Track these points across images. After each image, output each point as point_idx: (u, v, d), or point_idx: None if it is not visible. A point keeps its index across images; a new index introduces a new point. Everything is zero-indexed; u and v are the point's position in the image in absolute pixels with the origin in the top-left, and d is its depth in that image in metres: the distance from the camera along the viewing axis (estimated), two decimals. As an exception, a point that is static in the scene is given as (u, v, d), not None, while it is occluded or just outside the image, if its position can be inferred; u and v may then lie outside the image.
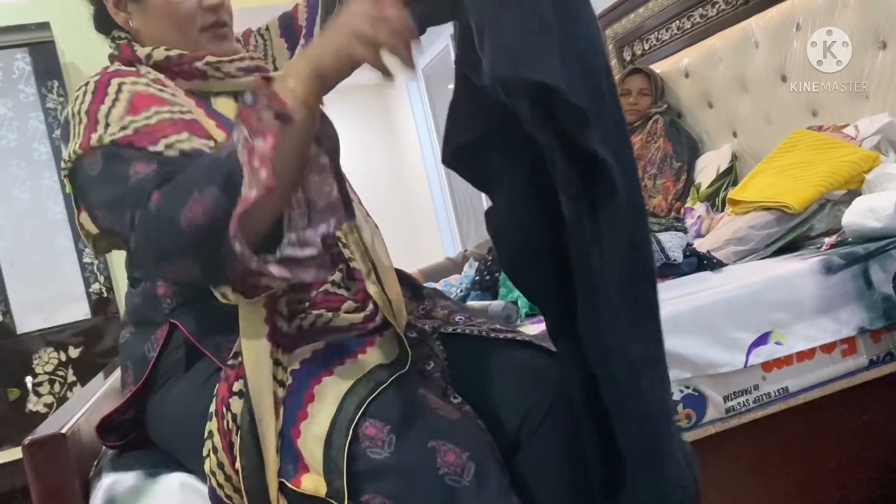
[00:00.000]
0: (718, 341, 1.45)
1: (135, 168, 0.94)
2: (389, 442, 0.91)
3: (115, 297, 3.57)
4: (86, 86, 1.03)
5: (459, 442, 0.92)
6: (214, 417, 0.96)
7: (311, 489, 0.90)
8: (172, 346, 1.05)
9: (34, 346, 3.45)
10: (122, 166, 0.95)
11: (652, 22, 2.94)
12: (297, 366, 0.98)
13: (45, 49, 3.54)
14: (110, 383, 1.47)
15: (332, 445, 0.91)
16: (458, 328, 1.15)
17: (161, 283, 1.06)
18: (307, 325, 1.02)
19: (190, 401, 1.02)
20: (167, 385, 1.06)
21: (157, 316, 1.06)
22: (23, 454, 0.97)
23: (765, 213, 1.85)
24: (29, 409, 3.39)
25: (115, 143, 0.96)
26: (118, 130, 0.97)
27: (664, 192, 2.57)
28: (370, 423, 0.92)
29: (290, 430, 0.93)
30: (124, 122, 0.97)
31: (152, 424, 1.09)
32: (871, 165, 1.85)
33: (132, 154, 0.95)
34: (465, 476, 0.90)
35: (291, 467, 0.92)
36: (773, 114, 2.42)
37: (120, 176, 0.94)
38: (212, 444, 0.96)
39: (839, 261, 1.56)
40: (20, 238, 3.48)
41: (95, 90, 1.01)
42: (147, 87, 1.03)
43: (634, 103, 2.78)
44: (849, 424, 1.58)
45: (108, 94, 1.00)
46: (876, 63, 2.04)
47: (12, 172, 3.50)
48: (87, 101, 1.01)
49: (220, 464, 0.95)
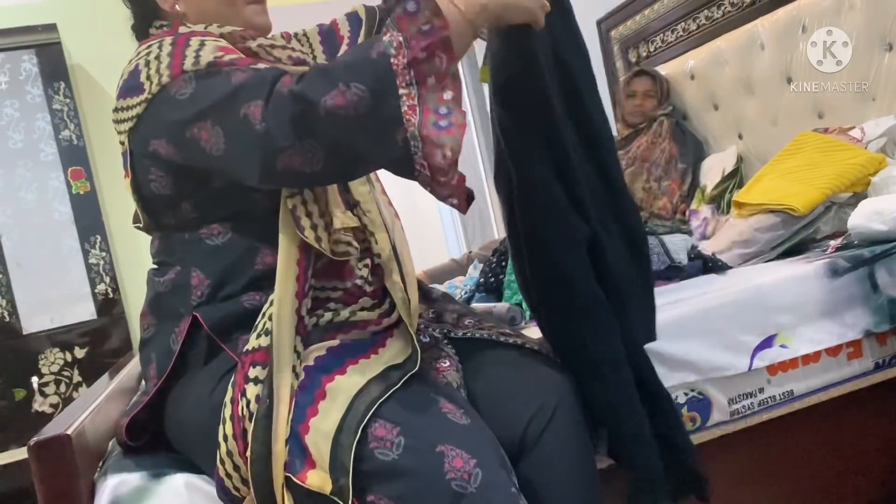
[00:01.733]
0: (723, 344, 1.44)
1: (237, 76, 0.95)
2: (398, 444, 0.92)
3: (120, 298, 3.58)
4: (160, 41, 1.03)
5: (468, 447, 0.93)
6: (230, 405, 0.97)
7: (316, 485, 0.91)
8: (194, 340, 1.05)
9: (40, 346, 3.46)
10: (221, 78, 0.95)
11: (657, 24, 2.94)
12: (311, 362, 0.99)
13: (52, 50, 3.55)
14: (116, 384, 1.47)
15: (339, 444, 0.91)
16: (467, 332, 1.17)
17: (196, 273, 1.06)
18: (324, 323, 1.03)
19: (205, 396, 1.03)
20: (185, 379, 1.06)
21: (182, 308, 1.06)
22: (28, 455, 0.97)
23: (770, 216, 1.84)
24: (35, 410, 3.41)
25: (215, 63, 0.97)
26: (213, 58, 0.98)
27: (669, 194, 2.57)
28: (380, 424, 0.93)
29: (298, 426, 0.94)
30: (217, 53, 0.99)
31: (168, 418, 1.09)
32: (877, 168, 1.84)
33: (234, 71, 0.96)
34: (472, 482, 0.90)
35: (298, 462, 0.93)
36: (779, 116, 2.42)
37: (221, 83, 0.95)
38: (223, 432, 0.96)
39: (845, 264, 1.56)
40: (26, 238, 3.49)
41: (175, 42, 1.02)
42: (217, 36, 1.05)
43: (640, 105, 2.78)
44: (854, 428, 1.58)
45: (190, 44, 1.01)
46: (882, 65, 2.04)
47: (19, 173, 3.51)
48: (165, 50, 1.01)
49: (229, 452, 0.96)
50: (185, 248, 1.08)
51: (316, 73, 0.92)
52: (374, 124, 0.88)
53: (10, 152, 3.50)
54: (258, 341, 0.99)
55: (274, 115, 0.90)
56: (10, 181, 3.49)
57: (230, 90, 0.94)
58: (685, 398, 1.43)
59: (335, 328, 1.04)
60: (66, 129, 3.55)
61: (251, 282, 1.04)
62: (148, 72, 1.00)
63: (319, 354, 1.00)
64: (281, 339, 0.97)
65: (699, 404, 1.44)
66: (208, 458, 1.00)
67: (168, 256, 1.10)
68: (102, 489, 1.02)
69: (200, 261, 1.06)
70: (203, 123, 0.95)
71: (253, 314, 1.01)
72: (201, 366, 1.05)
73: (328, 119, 0.88)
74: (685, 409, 1.43)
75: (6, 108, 3.50)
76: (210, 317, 1.03)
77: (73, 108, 3.56)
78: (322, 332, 1.03)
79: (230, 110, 0.93)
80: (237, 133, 0.93)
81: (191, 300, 1.05)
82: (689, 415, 1.43)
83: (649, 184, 2.60)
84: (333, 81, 0.88)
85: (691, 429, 1.43)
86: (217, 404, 1.00)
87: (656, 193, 2.59)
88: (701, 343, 1.43)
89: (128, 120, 1.03)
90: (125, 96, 1.03)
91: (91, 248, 3.54)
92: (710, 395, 1.45)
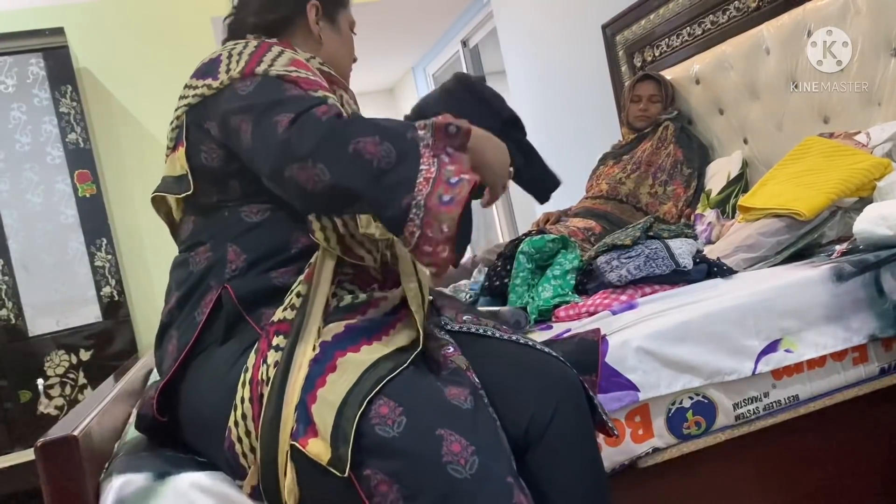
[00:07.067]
0: (728, 348, 1.44)
1: (289, 90, 1.08)
2: (399, 423, 0.95)
3: (126, 301, 3.60)
4: (247, 42, 1.19)
5: (468, 434, 0.95)
6: (251, 370, 1.02)
7: (314, 453, 0.94)
8: (214, 318, 1.11)
9: (46, 348, 3.48)
10: (277, 87, 1.08)
11: (663, 28, 2.94)
12: (329, 338, 1.05)
13: (59, 54, 3.57)
14: (121, 386, 1.48)
15: (343, 415, 0.95)
16: (465, 326, 1.20)
17: (232, 248, 1.13)
18: (344, 305, 1.10)
19: (222, 375, 1.06)
20: (203, 357, 1.10)
21: (214, 281, 1.12)
22: (35, 455, 0.98)
23: (775, 220, 1.84)
24: (40, 412, 3.42)
25: (280, 76, 1.10)
26: (283, 70, 1.11)
27: (674, 199, 2.57)
28: (384, 402, 0.96)
29: (307, 395, 0.98)
30: (289, 68, 1.12)
31: (186, 393, 1.12)
32: (883, 173, 1.84)
33: (291, 86, 1.09)
34: (468, 468, 0.93)
35: (302, 428, 0.97)
36: (784, 120, 2.41)
37: (274, 91, 1.07)
38: (241, 395, 1.01)
39: (850, 268, 1.55)
40: (33, 241, 3.51)
41: (258, 46, 1.17)
42: (301, 58, 1.18)
43: (645, 109, 2.78)
44: (859, 432, 1.57)
45: (270, 51, 1.15)
46: (888, 70, 2.04)
47: (26, 176, 3.53)
48: (249, 49, 1.15)
49: (244, 415, 1.00)
50: (222, 225, 1.15)
51: (359, 118, 1.06)
52: (388, 181, 0.98)
53: (17, 155, 3.52)
54: (284, 314, 1.06)
55: (299, 130, 1.01)
56: (16, 184, 3.51)
57: (276, 99, 1.06)
58: (690, 402, 1.43)
59: (353, 309, 1.10)
60: (73, 132, 3.57)
61: (285, 260, 1.12)
62: (228, 64, 1.13)
63: (337, 332, 1.06)
64: (313, 314, 1.06)
65: (704, 408, 1.44)
66: (217, 439, 1.03)
67: (202, 235, 1.17)
68: (107, 490, 1.03)
69: (238, 237, 1.13)
70: (245, 116, 1.07)
71: (281, 290, 1.09)
72: (218, 344, 1.10)
73: (352, 156, 0.98)
74: (690, 413, 1.43)
75: (13, 112, 3.52)
76: (240, 289, 1.10)
77: (79, 112, 3.58)
78: (343, 312, 1.10)
79: (268, 114, 1.04)
80: (263, 134, 1.04)
81: (224, 274, 1.12)
82: (693, 419, 1.43)
83: (654, 188, 2.60)
84: (372, 131, 1.00)
85: (696, 433, 1.43)
86: (233, 385, 1.04)
87: (661, 198, 2.58)
88: (706, 347, 1.43)
89: (193, 97, 1.14)
90: (198, 77, 1.15)
91: (97, 250, 3.56)
92: (715, 400, 1.45)
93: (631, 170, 2.67)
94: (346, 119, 1.03)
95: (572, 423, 1.07)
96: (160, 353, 1.17)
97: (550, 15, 3.93)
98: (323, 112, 1.02)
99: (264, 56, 1.13)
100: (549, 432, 1.04)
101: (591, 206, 2.66)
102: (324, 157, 0.99)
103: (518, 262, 1.80)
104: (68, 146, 3.55)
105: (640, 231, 1.73)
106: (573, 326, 1.53)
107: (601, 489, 1.08)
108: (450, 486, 0.91)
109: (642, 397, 1.38)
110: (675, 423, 1.42)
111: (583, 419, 1.09)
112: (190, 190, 1.15)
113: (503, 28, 4.52)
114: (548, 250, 1.79)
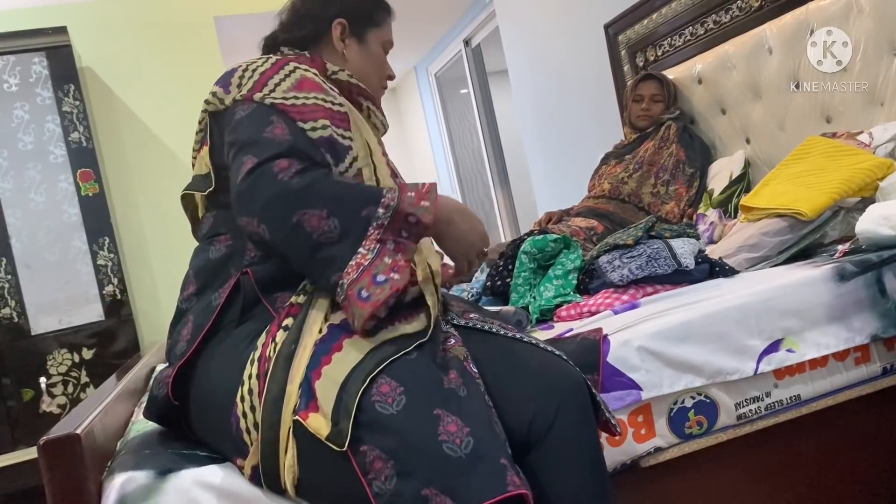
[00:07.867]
0: (730, 348, 1.44)
1: (272, 130, 1.12)
2: (399, 402, 0.97)
3: (128, 300, 3.60)
4: (266, 59, 1.25)
5: (465, 416, 0.97)
6: (260, 348, 1.06)
7: (314, 427, 0.96)
8: (236, 298, 1.14)
9: (48, 347, 3.48)
10: (264, 122, 1.13)
11: (665, 28, 2.94)
12: (337, 321, 1.08)
13: (62, 53, 3.58)
14: (124, 385, 1.48)
15: (346, 391, 0.98)
16: (471, 322, 1.22)
17: None
18: None
19: (237, 353, 1.08)
20: (221, 334, 1.13)
21: (233, 268, 1.16)
22: (38, 453, 0.98)
23: (777, 220, 1.84)
24: (42, 410, 3.42)
25: (273, 105, 1.15)
26: (279, 97, 1.16)
27: (677, 199, 2.57)
28: (385, 381, 0.99)
29: (311, 372, 1.01)
30: (287, 94, 1.17)
31: (199, 375, 1.13)
32: (886, 173, 1.83)
33: (279, 119, 1.14)
34: (463, 448, 0.94)
35: (304, 402, 0.99)
36: (787, 120, 2.41)
37: (258, 124, 1.13)
38: (249, 371, 1.04)
39: (852, 268, 1.55)
40: (35, 240, 3.52)
41: (274, 63, 1.23)
42: (315, 76, 1.24)
43: (647, 109, 2.78)
44: (861, 433, 1.57)
45: (283, 69, 1.22)
46: (891, 70, 2.04)
47: (28, 175, 3.53)
48: (263, 68, 1.21)
49: (251, 390, 1.03)
50: None
51: (320, 180, 1.08)
52: (322, 255, 1.05)
53: (20, 154, 3.53)
54: (297, 299, 1.11)
55: (254, 184, 1.07)
56: (19, 183, 3.52)
57: (253, 139, 1.12)
58: (692, 402, 1.43)
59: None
60: (76, 131, 3.57)
61: None
62: (240, 80, 1.20)
63: (345, 316, 1.08)
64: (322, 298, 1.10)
65: (706, 408, 1.44)
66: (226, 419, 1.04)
67: (222, 227, 1.21)
68: (110, 487, 1.03)
69: None
70: (229, 148, 1.15)
71: (298, 277, 1.13)
72: (234, 326, 1.12)
73: (294, 227, 1.05)
74: (692, 413, 1.43)
75: (16, 111, 3.53)
76: (260, 273, 1.13)
77: (82, 111, 3.58)
78: None
79: (241, 154, 1.11)
80: (234, 173, 1.11)
81: (244, 260, 1.16)
82: (695, 418, 1.43)
83: (656, 188, 2.60)
84: (322, 203, 1.05)
85: (698, 433, 1.43)
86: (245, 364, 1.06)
87: (663, 198, 2.58)
88: (708, 347, 1.43)
89: (210, 104, 1.22)
90: (220, 85, 1.22)
91: (99, 249, 3.56)
92: (717, 399, 1.45)
93: (633, 169, 2.67)
94: (302, 182, 1.06)
95: (576, 423, 1.07)
96: (173, 338, 1.19)
97: (553, 14, 3.93)
98: (281, 168, 1.06)
99: (271, 78, 1.19)
100: (551, 432, 1.04)
101: (594, 206, 2.66)
102: (267, 221, 1.05)
103: (520, 262, 1.80)
104: (71, 145, 3.56)
105: (642, 231, 1.73)
106: (575, 326, 1.53)
107: (603, 489, 1.08)
108: (444, 463, 0.93)
109: (645, 396, 1.38)
110: (677, 422, 1.42)
111: (586, 419, 1.09)
112: (212, 186, 1.20)
113: (505, 28, 4.52)
114: (550, 250, 1.79)
